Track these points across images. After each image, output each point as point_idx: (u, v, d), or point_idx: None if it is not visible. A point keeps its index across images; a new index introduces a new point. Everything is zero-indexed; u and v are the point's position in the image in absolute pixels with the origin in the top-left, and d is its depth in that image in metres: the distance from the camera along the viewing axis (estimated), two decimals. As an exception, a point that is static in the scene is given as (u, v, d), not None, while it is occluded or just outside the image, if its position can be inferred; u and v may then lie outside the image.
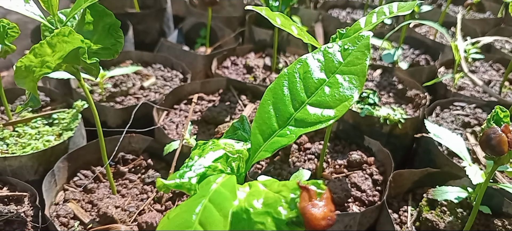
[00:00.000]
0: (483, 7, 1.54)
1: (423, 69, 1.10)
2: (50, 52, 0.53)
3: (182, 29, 1.36)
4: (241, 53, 1.22)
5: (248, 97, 1.01)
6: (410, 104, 0.99)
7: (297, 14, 1.41)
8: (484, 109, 0.98)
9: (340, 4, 1.54)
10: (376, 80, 1.07)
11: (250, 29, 1.27)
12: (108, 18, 0.60)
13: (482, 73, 1.16)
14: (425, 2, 1.53)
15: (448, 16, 1.41)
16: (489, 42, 1.25)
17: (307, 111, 0.48)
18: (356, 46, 0.50)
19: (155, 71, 1.11)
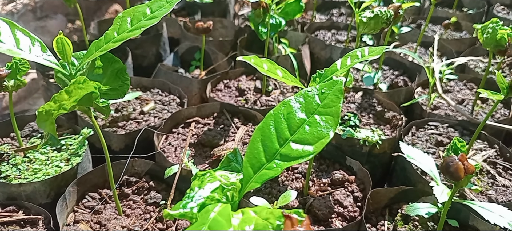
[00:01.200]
0: (460, 26, 1.65)
1: (401, 90, 1.19)
2: (67, 97, 0.61)
3: (178, 52, 1.44)
4: (234, 76, 1.30)
5: (240, 120, 1.10)
6: (388, 125, 1.08)
7: (285, 37, 1.50)
8: (456, 128, 1.08)
9: (325, 25, 1.64)
10: (358, 102, 1.16)
11: (242, 53, 1.36)
12: (116, 64, 0.68)
13: (456, 93, 1.26)
14: (405, 23, 1.63)
15: (426, 36, 1.51)
16: (463, 62, 1.34)
17: (291, 147, 0.57)
18: (331, 91, 0.59)
19: (153, 96, 1.19)
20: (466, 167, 0.64)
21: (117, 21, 0.68)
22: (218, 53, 1.39)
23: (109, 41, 0.65)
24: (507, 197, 0.90)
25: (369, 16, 0.92)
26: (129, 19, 0.68)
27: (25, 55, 0.63)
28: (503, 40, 1.04)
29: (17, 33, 0.66)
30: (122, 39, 0.65)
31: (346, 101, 1.18)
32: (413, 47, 1.49)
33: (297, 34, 1.51)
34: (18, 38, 0.65)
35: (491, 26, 1.06)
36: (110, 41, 0.65)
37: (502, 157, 1.01)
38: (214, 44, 1.46)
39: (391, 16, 0.93)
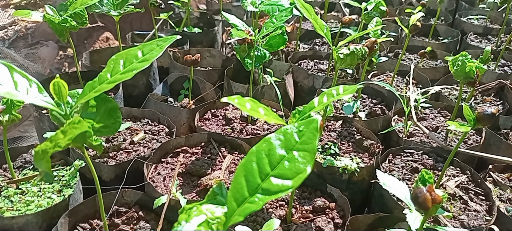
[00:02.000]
0: (436, 55, 1.74)
1: (379, 118, 1.26)
2: (62, 137, 0.65)
3: (167, 81, 1.49)
4: (221, 106, 1.36)
5: (227, 149, 1.15)
6: (366, 153, 1.14)
7: (270, 67, 1.57)
8: (430, 155, 1.14)
9: (308, 54, 1.71)
10: (338, 130, 1.23)
11: (228, 83, 1.42)
12: (109, 103, 0.73)
13: (431, 120, 1.33)
14: (384, 52, 1.72)
15: (403, 65, 1.59)
16: (438, 90, 1.42)
17: (271, 182, 0.62)
18: (308, 128, 0.65)
19: (143, 126, 1.24)
20: (434, 197, 0.70)
21: (111, 63, 0.73)
22: (206, 83, 1.45)
23: (103, 82, 0.70)
24: (478, 221, 0.96)
25: (346, 53, 0.99)
26: (122, 61, 0.73)
27: (23, 97, 0.68)
28: (472, 72, 1.12)
29: (15, 75, 0.70)
30: (115, 81, 0.70)
31: (327, 129, 1.24)
32: (390, 76, 1.57)
33: (281, 64, 1.58)
34: (16, 81, 0.69)
35: (460, 59, 1.14)
36: (104, 83, 0.70)
37: (474, 183, 1.07)
38: (202, 74, 1.52)
39: (366, 52, 1.00)
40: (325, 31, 0.97)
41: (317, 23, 0.96)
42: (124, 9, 1.36)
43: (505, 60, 1.69)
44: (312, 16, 0.96)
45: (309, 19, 0.95)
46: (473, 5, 2.23)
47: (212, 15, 2.23)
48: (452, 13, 2.16)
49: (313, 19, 0.96)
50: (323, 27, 0.97)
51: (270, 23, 1.16)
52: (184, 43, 1.78)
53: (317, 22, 0.96)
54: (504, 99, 1.45)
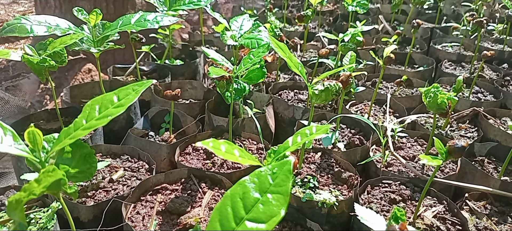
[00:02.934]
0: (412, 83, 1.79)
1: (357, 149, 1.28)
2: (36, 186, 0.65)
3: (148, 115, 1.50)
4: (202, 139, 1.36)
5: (207, 185, 1.15)
6: (345, 185, 1.16)
7: (250, 98, 1.59)
8: (407, 186, 1.16)
9: (288, 85, 1.74)
10: (317, 162, 1.24)
11: (209, 116, 1.43)
12: (85, 149, 0.74)
13: (408, 149, 1.36)
14: (362, 81, 1.76)
15: (380, 94, 1.63)
16: (414, 119, 1.46)
17: (246, 225, 0.62)
18: (282, 171, 0.66)
19: (123, 163, 1.23)
20: (406, 234, 0.71)
21: (86, 109, 0.73)
22: (186, 116, 1.46)
23: (78, 128, 0.71)
24: (454, 251, 0.98)
25: (321, 89, 1.01)
26: (98, 107, 0.74)
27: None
28: (444, 104, 1.15)
29: (-10, 123, 0.70)
30: (91, 127, 0.70)
31: (307, 161, 1.25)
32: (368, 105, 1.61)
33: (262, 95, 1.60)
34: (-10, 129, 0.70)
35: (432, 91, 1.18)
36: (79, 129, 0.71)
37: (450, 213, 1.09)
38: (183, 107, 1.53)
39: (340, 88, 1.03)
40: (299, 69, 1.00)
41: (291, 61, 0.99)
42: (104, 46, 1.38)
43: (478, 87, 1.75)
44: (286, 55, 0.99)
45: (284, 58, 0.98)
46: (447, 33, 2.31)
47: (194, 46, 2.26)
48: (427, 41, 2.24)
49: (288, 58, 0.98)
50: (297, 65, 1.00)
51: (248, 59, 1.19)
52: (165, 75, 1.79)
53: (291, 60, 0.99)
54: (478, 126, 1.49)
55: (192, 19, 3.46)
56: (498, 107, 1.59)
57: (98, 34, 1.38)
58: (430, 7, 2.79)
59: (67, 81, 2.41)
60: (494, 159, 1.35)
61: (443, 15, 2.65)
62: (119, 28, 1.31)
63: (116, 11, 2.64)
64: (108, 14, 2.61)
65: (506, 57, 2.04)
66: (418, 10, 2.73)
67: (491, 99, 1.66)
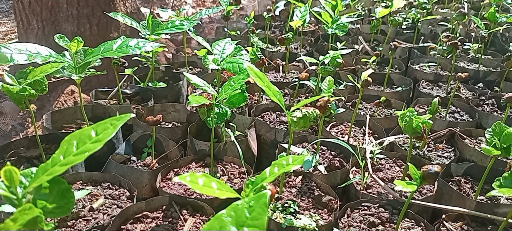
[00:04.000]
0: (390, 104, 1.83)
1: (337, 172, 1.31)
2: (12, 224, 0.65)
3: (130, 140, 1.50)
4: (184, 164, 1.37)
5: (188, 211, 1.15)
6: (325, 209, 1.17)
7: (233, 121, 1.61)
8: (386, 208, 1.19)
9: (270, 107, 1.77)
10: (298, 186, 1.26)
11: (191, 141, 1.44)
12: (63, 185, 0.74)
13: (387, 170, 1.39)
14: (342, 103, 1.79)
15: (360, 115, 1.67)
16: (393, 140, 1.49)
17: (223, 260, 0.63)
18: (258, 203, 0.68)
19: (104, 190, 1.23)
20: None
21: (64, 144, 0.74)
22: (169, 141, 1.47)
23: (55, 165, 0.71)
24: (431, 273, 1.00)
25: (299, 116, 1.04)
26: (75, 142, 0.74)
27: (-27, 184, 0.68)
28: (419, 128, 1.19)
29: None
30: (68, 164, 0.71)
31: (288, 186, 1.27)
32: (348, 126, 1.64)
33: (244, 118, 1.62)
34: (-34, 166, 0.69)
35: (408, 115, 1.22)
36: (56, 165, 0.71)
37: (427, 234, 1.12)
38: (166, 131, 1.54)
39: (317, 115, 1.05)
40: (278, 97, 1.02)
41: (270, 90, 1.01)
42: (85, 73, 1.38)
43: (455, 107, 1.80)
44: (265, 84, 1.01)
45: (262, 87, 1.00)
46: (425, 52, 2.38)
47: (178, 68, 2.27)
48: (405, 61, 2.30)
49: (266, 86, 1.01)
50: (276, 93, 1.02)
51: (229, 86, 1.21)
52: (148, 98, 1.80)
53: (270, 88, 1.01)
54: (455, 146, 1.53)
55: (177, 38, 3.47)
56: (474, 127, 1.64)
57: (79, 60, 1.38)
58: (408, 27, 2.87)
59: (49, 103, 2.39)
60: (471, 179, 1.39)
61: (421, 35, 2.73)
62: (100, 54, 1.32)
63: (100, 33, 2.64)
64: (91, 35, 2.62)
65: (481, 76, 2.11)
66: (397, 30, 2.80)
67: (467, 119, 1.70)
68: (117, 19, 1.72)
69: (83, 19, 2.60)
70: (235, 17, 3.49)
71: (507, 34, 2.83)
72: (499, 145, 1.16)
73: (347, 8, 3.01)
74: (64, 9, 2.55)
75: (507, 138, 1.15)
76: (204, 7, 4.74)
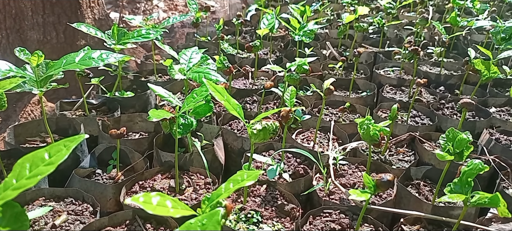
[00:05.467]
0: (355, 109, 1.88)
1: (301, 180, 1.34)
2: (-38, 251, 0.64)
3: (95, 153, 1.49)
4: (149, 176, 1.37)
5: (152, 225, 1.16)
6: (288, 218, 1.20)
7: (200, 131, 1.62)
8: (346, 214, 1.23)
9: (239, 115, 1.78)
10: (262, 195, 1.28)
11: (157, 152, 1.45)
12: (16, 208, 0.73)
13: (349, 176, 1.43)
14: (308, 109, 1.83)
15: (325, 121, 1.71)
16: (355, 146, 1.54)
17: (175, 279, 0.65)
18: (211, 222, 0.69)
19: (67, 206, 1.22)
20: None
21: (17, 167, 0.73)
22: (134, 153, 1.46)
23: (8, 189, 0.71)
24: (388, 276, 1.04)
25: (259, 129, 1.06)
26: (28, 165, 0.74)
27: None
28: (376, 135, 1.23)
29: None
30: (21, 188, 0.71)
31: (252, 195, 1.29)
32: (314, 132, 1.67)
33: (211, 127, 1.63)
34: None
35: (366, 123, 1.26)
36: (9, 189, 0.71)
37: (386, 238, 1.16)
38: (132, 143, 1.53)
39: (277, 127, 1.08)
40: (237, 110, 1.04)
41: (229, 104, 1.03)
42: (47, 87, 1.36)
43: (416, 111, 1.86)
44: (224, 98, 1.03)
45: (221, 101, 1.01)
46: (390, 57, 2.45)
47: (147, 76, 2.26)
48: (371, 66, 2.36)
49: (225, 100, 1.02)
50: (235, 107, 1.04)
51: (192, 98, 1.22)
52: (115, 109, 1.79)
53: (229, 102, 1.03)
54: (415, 150, 1.59)
55: (148, 44, 3.45)
56: (434, 130, 1.71)
57: (41, 74, 1.37)
58: (375, 31, 2.94)
59: (15, 113, 2.34)
60: (430, 182, 1.45)
61: (387, 39, 2.80)
62: (62, 67, 1.30)
63: (67, 40, 2.60)
64: (58, 43, 2.58)
65: (442, 80, 2.19)
66: (364, 35, 2.87)
67: (428, 123, 1.77)
68: (81, 29, 1.70)
69: (49, 27, 2.56)
70: (207, 21, 3.49)
71: (468, 37, 2.95)
72: (452, 150, 1.22)
73: (316, 13, 3.07)
74: (29, 17, 2.50)
75: (460, 143, 1.20)
76: (176, 11, 4.72)
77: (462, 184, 1.03)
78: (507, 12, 3.67)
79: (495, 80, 2.18)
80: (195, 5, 2.54)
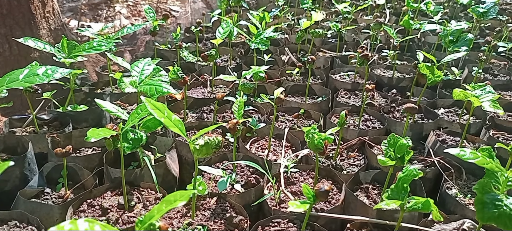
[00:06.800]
0: (310, 115, 1.92)
1: (251, 190, 1.35)
2: None
3: (43, 171, 1.45)
4: (99, 193, 1.35)
5: (99, 245, 1.14)
6: (236, 230, 1.21)
7: (154, 143, 1.60)
8: (295, 223, 1.25)
9: (194, 125, 1.78)
10: (212, 208, 1.29)
11: (107, 168, 1.43)
12: None
13: (300, 183, 1.46)
14: (264, 117, 1.85)
15: (279, 129, 1.73)
16: (306, 153, 1.57)
17: None
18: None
19: (10, 229, 1.19)
20: None
21: None
22: (84, 170, 1.44)
23: None
24: None
25: (201, 144, 1.07)
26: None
27: None
28: (320, 144, 1.26)
29: None
30: None
31: (202, 208, 1.29)
32: (268, 140, 1.69)
33: (165, 139, 1.62)
34: None
35: (311, 131, 1.29)
36: None
37: (332, 245, 1.19)
38: (81, 159, 1.51)
39: (220, 142, 1.09)
40: (179, 127, 1.04)
41: (170, 121, 1.03)
42: (-13, 106, 1.32)
43: (368, 115, 1.91)
44: (164, 115, 1.03)
45: (161, 119, 1.01)
46: (347, 62, 2.50)
47: (103, 87, 2.23)
48: (328, 71, 2.40)
49: (166, 117, 1.02)
50: (177, 123, 1.04)
51: (136, 114, 1.21)
52: (66, 124, 1.75)
53: (170, 119, 1.03)
54: (365, 154, 1.64)
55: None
56: (384, 134, 1.76)
57: (-18, 93, 1.33)
58: (334, 35, 3.00)
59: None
60: (378, 185, 1.49)
61: (345, 43, 2.87)
62: (6, 85, 1.27)
63: (21, 53, 2.53)
64: (12, 55, 2.50)
65: (395, 83, 2.26)
66: (323, 40, 2.92)
67: (378, 127, 1.82)
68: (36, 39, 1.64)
69: (1, 39, 2.48)
70: (172, 27, 3.46)
71: (423, 39, 3.05)
72: (394, 156, 1.26)
73: (277, 19, 3.10)
74: (-21, 29, 2.42)
75: (401, 148, 1.25)
76: (139, 17, 4.66)
77: (398, 190, 1.07)
78: (460, 13, 3.82)
79: (445, 82, 2.27)
80: (153, 13, 2.52)
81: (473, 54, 2.69)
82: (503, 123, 1.84)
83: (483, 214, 1.00)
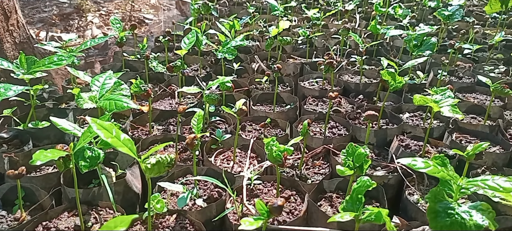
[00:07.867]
0: (277, 124, 1.91)
1: (212, 205, 1.33)
2: None
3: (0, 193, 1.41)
4: (55, 215, 1.32)
5: (51, 270, 1.11)
6: (194, 247, 1.20)
7: (115, 159, 1.57)
8: (255, 236, 1.24)
9: (159, 138, 1.76)
10: (171, 226, 1.27)
11: (64, 188, 1.39)
12: None
13: (264, 195, 1.45)
14: (230, 127, 1.84)
15: (245, 139, 1.72)
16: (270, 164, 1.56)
17: None
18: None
19: (-43, 258, 1.14)
20: None
21: None
22: (40, 190, 1.40)
23: None
24: None
25: (153, 163, 1.05)
26: None
27: None
28: (279, 156, 1.26)
29: None
30: None
31: (161, 226, 1.27)
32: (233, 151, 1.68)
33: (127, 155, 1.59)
34: None
35: (270, 143, 1.28)
36: None
37: (292, 257, 1.18)
38: (39, 180, 1.46)
39: (172, 160, 1.07)
40: (129, 146, 1.02)
41: (119, 141, 1.00)
42: None
43: (334, 122, 1.92)
44: (112, 135, 1.00)
45: (108, 139, 0.99)
46: (316, 68, 2.51)
47: (68, 101, 2.18)
48: (297, 78, 2.41)
49: (114, 137, 1.00)
50: (127, 143, 1.01)
51: (88, 133, 1.18)
52: (26, 142, 1.70)
53: (119, 139, 1.01)
54: (330, 162, 1.64)
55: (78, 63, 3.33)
56: (349, 141, 1.77)
57: None
58: (303, 42, 3.02)
59: None
60: (342, 193, 1.49)
61: (315, 49, 2.88)
62: (-47, 106, 1.22)
63: (-17, 67, 2.45)
64: (-27, 70, 2.42)
65: (362, 88, 2.27)
66: (293, 46, 2.93)
67: (344, 133, 1.83)
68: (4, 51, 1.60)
69: (-39, 55, 2.40)
70: (145, 35, 3.42)
71: (391, 43, 3.09)
72: (352, 165, 1.26)
73: (248, 26, 3.10)
74: None
75: (359, 157, 1.25)
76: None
77: (353, 201, 1.07)
78: (429, 15, 3.89)
79: (410, 86, 2.30)
80: (119, 24, 2.48)
81: (440, 58, 2.74)
82: (466, 125, 1.87)
83: (436, 223, 1.00)
